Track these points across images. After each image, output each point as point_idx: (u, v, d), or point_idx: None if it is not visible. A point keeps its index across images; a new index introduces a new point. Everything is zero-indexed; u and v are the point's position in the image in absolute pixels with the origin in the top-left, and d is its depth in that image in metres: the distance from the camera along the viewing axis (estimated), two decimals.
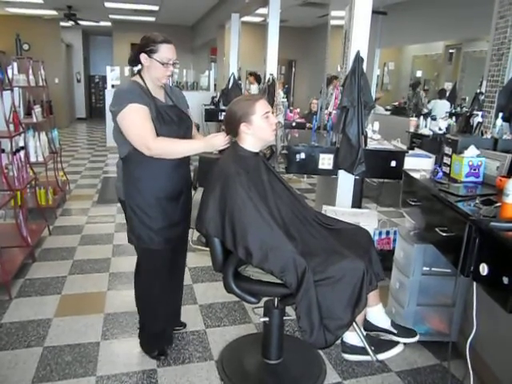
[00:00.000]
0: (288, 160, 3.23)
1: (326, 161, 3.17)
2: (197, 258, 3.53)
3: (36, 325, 2.55)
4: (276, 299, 2.08)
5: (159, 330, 2.27)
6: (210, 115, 7.69)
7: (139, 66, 2.03)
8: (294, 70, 11.88)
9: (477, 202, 1.77)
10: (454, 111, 5.74)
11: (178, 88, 2.30)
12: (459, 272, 1.63)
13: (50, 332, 2.49)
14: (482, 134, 2.48)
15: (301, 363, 2.26)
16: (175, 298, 2.45)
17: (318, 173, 3.36)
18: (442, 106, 6.32)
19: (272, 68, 5.41)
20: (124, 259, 3.42)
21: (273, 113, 1.99)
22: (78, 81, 14.11)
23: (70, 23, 10.59)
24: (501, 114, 2.39)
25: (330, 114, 4.08)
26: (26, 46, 10.83)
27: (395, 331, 2.05)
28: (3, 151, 3.38)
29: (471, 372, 1.81)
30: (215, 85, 9.60)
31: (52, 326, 2.54)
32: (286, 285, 1.76)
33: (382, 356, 1.96)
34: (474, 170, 2.14)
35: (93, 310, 2.74)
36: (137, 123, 1.90)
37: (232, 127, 1.94)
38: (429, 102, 7.00)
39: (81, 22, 10.42)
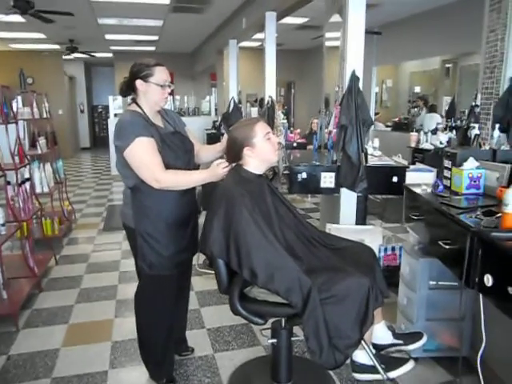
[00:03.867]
0: (290, 180, 3.25)
1: (327, 179, 3.19)
2: (203, 282, 3.53)
3: (44, 355, 2.54)
4: (283, 320, 2.07)
5: (164, 357, 2.25)
6: (212, 139, 7.78)
7: (130, 96, 2.05)
8: (293, 91, 12.03)
9: (478, 213, 1.78)
10: (453, 125, 5.77)
11: (170, 110, 2.33)
12: (464, 284, 1.63)
13: (58, 363, 2.48)
14: (480, 146, 2.49)
15: None
16: (181, 322, 2.44)
17: (321, 191, 3.37)
18: (430, 119, 6.41)
19: (271, 90, 5.49)
20: (131, 286, 3.41)
21: (273, 134, 2.02)
22: (82, 111, 14.35)
23: (73, 56, 10.85)
24: (498, 125, 2.41)
25: (330, 132, 4.12)
26: (29, 80, 11.06)
27: (401, 341, 2.04)
28: (9, 183, 3.43)
29: None
30: (216, 109, 9.73)
31: (60, 357, 2.54)
32: (291, 305, 1.75)
33: (393, 374, 1.94)
34: (474, 181, 2.15)
35: (100, 338, 2.73)
36: (145, 158, 1.91)
37: (235, 153, 1.96)
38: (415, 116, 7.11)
39: (82, 55, 10.67)
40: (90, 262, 4.10)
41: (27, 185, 3.73)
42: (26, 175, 3.88)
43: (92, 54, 10.54)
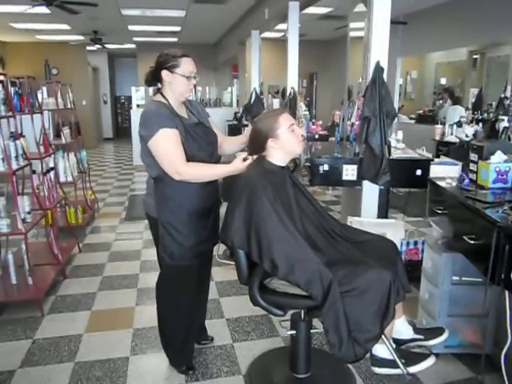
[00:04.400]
0: (311, 172, 3.22)
1: (349, 172, 3.16)
2: (223, 273, 3.55)
3: (68, 340, 2.61)
4: (302, 312, 2.07)
5: (184, 345, 2.28)
6: (233, 130, 7.78)
7: (157, 85, 2.06)
8: (315, 82, 11.92)
9: (505, 208, 1.73)
10: (480, 117, 5.63)
11: (195, 101, 2.33)
12: (489, 281, 1.59)
13: (81, 347, 2.54)
14: (509, 139, 2.42)
15: (330, 377, 2.23)
16: (201, 311, 2.46)
17: (342, 184, 3.34)
18: (453, 112, 6.25)
19: (293, 81, 5.44)
20: (152, 275, 3.45)
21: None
22: (105, 102, 14.53)
23: (96, 47, 10.97)
24: None
25: (352, 124, 4.07)
26: (54, 71, 11.27)
27: (421, 336, 2.01)
28: (34, 172, 3.50)
29: None
30: (237, 101, 9.72)
31: (83, 342, 2.59)
32: (311, 297, 1.75)
33: (413, 369, 1.91)
34: (502, 175, 2.09)
35: (122, 325, 2.78)
36: (168, 149, 1.92)
37: (259, 145, 1.95)
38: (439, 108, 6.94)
39: (106, 46, 10.78)
40: (112, 250, 4.17)
41: (52, 174, 3.81)
42: (51, 164, 3.96)
43: (115, 45, 10.64)
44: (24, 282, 3.05)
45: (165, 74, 1.99)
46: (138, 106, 8.96)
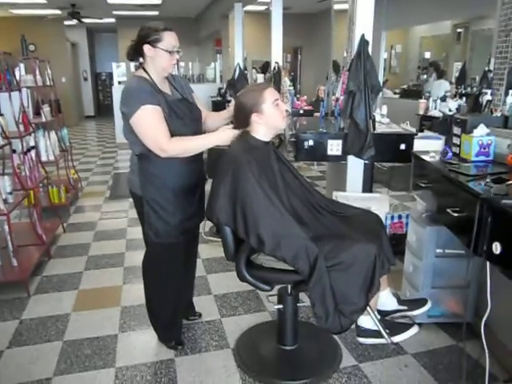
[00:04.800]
0: (296, 148, 3.22)
1: (334, 147, 3.15)
2: (210, 249, 3.56)
3: (55, 320, 2.60)
4: (289, 286, 2.10)
5: (172, 321, 2.29)
6: (217, 106, 7.68)
7: (139, 60, 2.01)
8: (299, 57, 11.78)
9: (488, 180, 1.75)
10: (464, 91, 5.65)
11: (178, 76, 2.27)
12: (472, 252, 1.62)
13: (69, 326, 2.54)
14: (492, 113, 2.43)
15: (316, 348, 2.28)
16: (188, 288, 2.48)
17: (327, 159, 3.35)
18: (438, 86, 6.25)
19: (277, 56, 5.37)
20: (138, 253, 3.44)
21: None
22: (85, 79, 14.19)
23: (75, 22, 10.62)
24: (511, 91, 2.34)
25: (337, 99, 4.05)
26: (31, 47, 10.90)
27: (406, 307, 2.07)
28: (14, 151, 3.42)
29: (487, 351, 1.80)
30: (221, 76, 9.57)
31: (70, 321, 2.60)
32: (298, 272, 1.77)
33: (397, 338, 1.96)
34: (484, 148, 2.11)
35: (109, 303, 2.78)
36: (151, 126, 1.89)
37: (243, 119, 1.93)
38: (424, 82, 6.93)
39: (85, 20, 10.44)
40: (97, 229, 4.14)
41: (33, 153, 3.73)
42: (31, 143, 3.87)
43: (94, 19, 10.32)
44: (8, 263, 3.02)
45: (147, 48, 1.94)
46: (119, 82, 8.77)
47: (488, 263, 1.70)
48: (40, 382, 2.09)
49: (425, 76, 7.62)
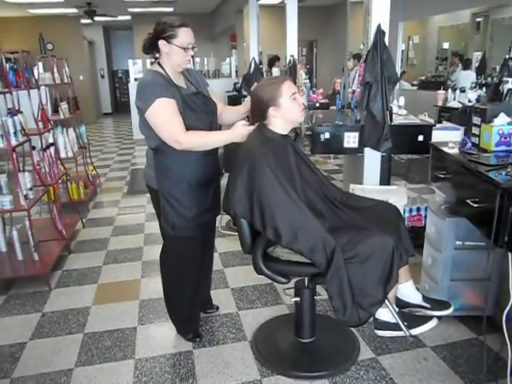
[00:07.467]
0: (312, 141, 3.20)
1: (351, 139, 3.13)
2: (226, 243, 3.57)
3: (76, 313, 2.65)
4: (306, 279, 2.09)
5: (190, 314, 2.31)
6: (233, 101, 7.68)
7: (155, 54, 2.02)
8: (315, 50, 11.69)
9: (509, 170, 1.71)
10: (484, 82, 5.53)
11: (193, 70, 2.28)
12: (493, 243, 1.59)
13: (90, 319, 2.58)
14: None
15: (334, 341, 2.27)
16: (205, 282, 2.49)
17: (344, 152, 3.32)
18: (465, 77, 6.10)
19: (292, 50, 5.34)
20: (156, 248, 3.45)
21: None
22: (102, 76, 14.33)
23: (91, 20, 10.72)
24: None
25: (353, 92, 4.01)
26: (49, 46, 11.06)
27: (428, 305, 2.03)
28: (34, 148, 3.48)
29: (509, 344, 1.77)
30: (236, 71, 9.57)
31: (91, 314, 2.64)
32: (315, 264, 1.76)
33: (415, 331, 1.94)
34: (505, 138, 2.07)
35: (128, 297, 2.82)
36: (166, 119, 1.90)
37: (260, 112, 1.92)
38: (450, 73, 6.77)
39: (100, 19, 10.53)
40: (115, 224, 4.19)
41: (52, 150, 3.79)
42: (50, 140, 3.93)
43: (110, 16, 10.41)
44: (30, 258, 3.08)
45: (162, 44, 1.94)
46: (135, 79, 8.82)
47: (510, 254, 1.67)
48: (62, 372, 2.13)
49: (449, 67, 7.44)
